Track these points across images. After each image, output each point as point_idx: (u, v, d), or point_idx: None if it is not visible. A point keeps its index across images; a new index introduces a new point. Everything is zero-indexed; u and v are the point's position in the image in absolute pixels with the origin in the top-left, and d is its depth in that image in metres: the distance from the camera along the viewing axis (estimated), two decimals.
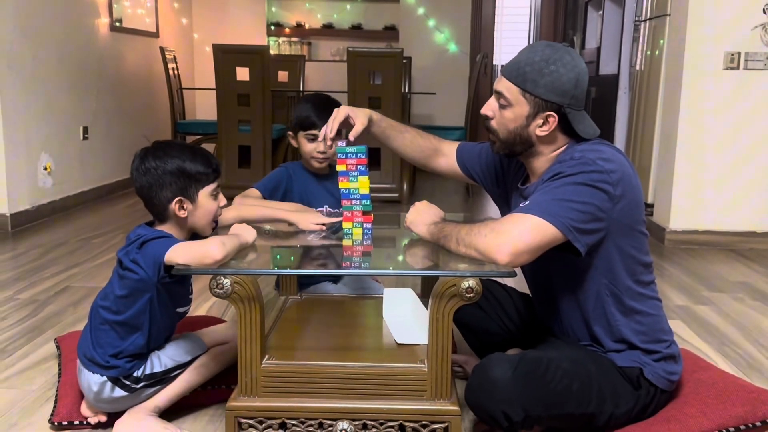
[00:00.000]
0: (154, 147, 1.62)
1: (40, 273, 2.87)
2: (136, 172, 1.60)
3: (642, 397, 1.53)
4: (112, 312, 1.59)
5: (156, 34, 5.56)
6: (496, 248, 1.39)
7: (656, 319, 1.55)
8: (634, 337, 1.52)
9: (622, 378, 1.52)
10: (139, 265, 1.54)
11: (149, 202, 1.61)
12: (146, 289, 1.56)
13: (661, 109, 3.81)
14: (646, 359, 1.53)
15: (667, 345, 1.55)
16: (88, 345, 1.61)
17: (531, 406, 1.41)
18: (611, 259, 1.49)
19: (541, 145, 1.55)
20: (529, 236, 1.39)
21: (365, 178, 1.75)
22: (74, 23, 4.28)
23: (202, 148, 1.68)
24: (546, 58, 1.48)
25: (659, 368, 1.53)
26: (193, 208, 1.61)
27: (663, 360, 1.54)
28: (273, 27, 6.53)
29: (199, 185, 1.61)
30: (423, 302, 1.81)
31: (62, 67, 4.13)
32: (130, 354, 1.60)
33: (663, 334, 1.56)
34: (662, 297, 2.65)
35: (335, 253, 1.75)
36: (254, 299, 1.45)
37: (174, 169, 1.58)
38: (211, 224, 1.68)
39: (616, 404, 1.50)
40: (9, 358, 2.02)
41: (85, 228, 3.71)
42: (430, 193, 5.18)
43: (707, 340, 2.26)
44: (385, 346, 1.67)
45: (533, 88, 1.48)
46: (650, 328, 1.54)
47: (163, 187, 1.58)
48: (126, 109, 5.03)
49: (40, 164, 3.90)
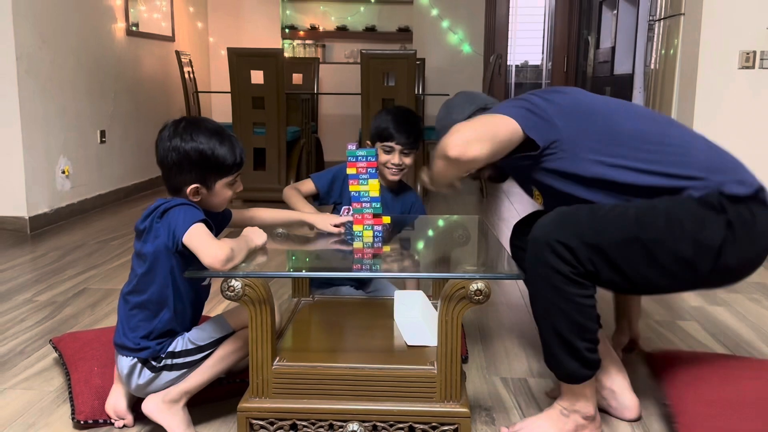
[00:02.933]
0: (185, 124, 1.60)
1: (59, 275, 2.92)
2: (160, 145, 1.59)
3: (734, 216, 1.44)
4: (137, 293, 1.59)
5: (172, 38, 5.61)
6: (448, 145, 1.53)
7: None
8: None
9: (698, 204, 1.45)
10: (158, 234, 1.54)
11: (167, 177, 1.62)
12: (166, 259, 1.56)
13: (676, 108, 3.78)
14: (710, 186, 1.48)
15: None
16: (120, 334, 1.61)
17: (585, 233, 1.44)
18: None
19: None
20: (480, 127, 1.55)
21: (375, 181, 1.77)
22: (91, 28, 4.34)
23: (231, 134, 1.65)
24: (440, 109, 1.88)
25: (732, 183, 1.48)
26: (207, 194, 1.62)
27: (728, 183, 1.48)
28: (287, 30, 6.57)
29: (219, 176, 1.62)
30: (434, 304, 1.82)
31: (80, 71, 4.19)
32: (159, 333, 1.59)
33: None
34: (676, 297, 2.66)
35: (349, 255, 1.76)
36: (265, 302, 1.47)
37: (198, 156, 1.57)
38: (223, 207, 1.69)
39: (700, 226, 1.43)
40: (27, 359, 2.06)
41: (103, 230, 3.76)
42: (443, 194, 5.18)
43: (722, 341, 2.25)
44: (396, 348, 1.68)
45: (451, 124, 1.63)
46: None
47: (183, 170, 1.58)
48: (142, 112, 5.08)
49: (58, 168, 3.95)
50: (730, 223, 1.45)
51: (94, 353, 1.86)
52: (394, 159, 2.15)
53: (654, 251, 1.45)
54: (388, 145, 2.14)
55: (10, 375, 1.95)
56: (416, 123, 2.20)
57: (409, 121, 2.18)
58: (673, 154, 1.53)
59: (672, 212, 1.46)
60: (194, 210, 1.56)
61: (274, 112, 4.58)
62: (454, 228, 2.25)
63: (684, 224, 1.45)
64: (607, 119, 1.58)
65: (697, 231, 1.45)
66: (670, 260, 1.46)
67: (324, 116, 6.24)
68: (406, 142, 2.15)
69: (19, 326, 2.32)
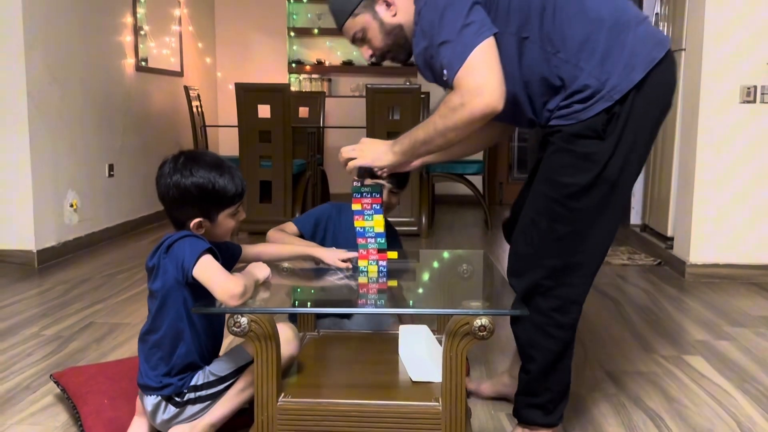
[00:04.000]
0: (184, 159, 1.61)
1: (65, 309, 2.93)
2: (161, 181, 1.61)
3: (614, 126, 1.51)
4: (153, 332, 1.61)
5: (180, 73, 5.70)
6: (476, 104, 1.42)
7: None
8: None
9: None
10: (166, 269, 1.56)
11: (169, 212, 1.64)
12: (177, 293, 1.57)
13: (679, 141, 3.81)
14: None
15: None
16: (142, 375, 1.63)
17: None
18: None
19: (404, 17, 1.64)
20: (482, 73, 1.43)
21: (380, 216, 1.78)
22: (101, 64, 4.41)
23: (231, 165, 1.66)
24: None
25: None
26: (211, 227, 1.64)
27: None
28: (294, 64, 6.66)
29: (221, 207, 1.63)
30: (438, 339, 1.83)
31: (89, 106, 4.26)
32: (180, 369, 1.61)
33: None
34: (682, 331, 2.65)
35: (353, 291, 1.77)
36: (271, 338, 1.48)
37: (198, 190, 1.59)
38: (227, 236, 1.70)
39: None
40: (33, 394, 2.06)
41: (110, 264, 3.79)
42: (449, 225, 5.20)
43: (728, 376, 2.24)
44: (401, 383, 1.68)
45: (349, 6, 1.64)
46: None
47: (185, 205, 1.60)
48: (151, 146, 5.14)
49: (66, 201, 3.99)
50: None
51: (101, 387, 1.87)
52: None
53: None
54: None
55: (16, 410, 1.95)
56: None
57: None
58: None
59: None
60: (199, 240, 1.58)
61: (280, 145, 4.63)
62: (458, 262, 2.26)
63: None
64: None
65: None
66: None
67: (330, 149, 6.30)
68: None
69: (25, 361, 2.33)
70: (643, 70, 1.50)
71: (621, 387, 2.14)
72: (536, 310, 1.62)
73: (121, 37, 4.68)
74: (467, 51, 1.43)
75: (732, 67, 3.37)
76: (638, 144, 1.54)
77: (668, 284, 3.44)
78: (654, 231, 4.27)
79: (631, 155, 1.54)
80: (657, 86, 1.53)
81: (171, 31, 5.55)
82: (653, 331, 2.69)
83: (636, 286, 3.41)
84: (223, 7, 6.57)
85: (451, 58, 1.45)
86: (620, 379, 2.20)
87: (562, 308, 1.62)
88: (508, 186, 6.63)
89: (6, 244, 3.71)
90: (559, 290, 1.61)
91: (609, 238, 1.62)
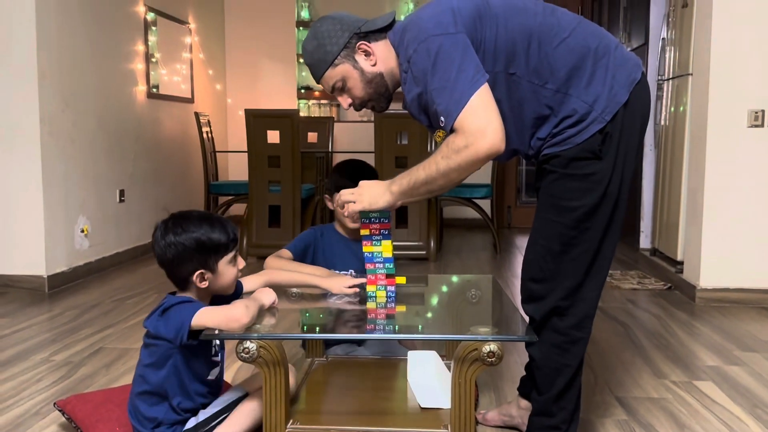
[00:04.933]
0: (173, 220, 1.66)
1: (75, 334, 2.94)
2: (156, 246, 1.65)
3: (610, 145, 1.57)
4: (143, 381, 1.65)
5: (191, 99, 5.76)
6: (480, 145, 1.46)
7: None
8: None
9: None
10: (160, 333, 1.60)
11: (171, 274, 1.68)
12: (170, 354, 1.61)
13: (687, 165, 3.82)
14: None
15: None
16: (134, 417, 1.68)
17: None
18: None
19: (384, 66, 1.67)
20: (483, 116, 1.47)
21: (388, 242, 1.79)
22: (113, 91, 4.47)
23: (219, 216, 1.72)
24: (308, 40, 1.69)
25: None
26: (213, 277, 1.66)
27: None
28: (303, 90, 6.72)
29: (218, 256, 1.66)
30: (447, 364, 1.83)
31: (101, 133, 4.31)
32: (170, 423, 1.65)
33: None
34: (693, 356, 2.64)
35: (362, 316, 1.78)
36: (279, 363, 1.49)
37: (193, 243, 1.63)
38: (233, 286, 1.72)
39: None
40: (42, 420, 2.07)
41: (120, 289, 3.80)
42: (457, 249, 5.20)
43: (739, 402, 2.22)
44: (410, 410, 1.68)
45: (329, 57, 1.65)
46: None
47: (183, 261, 1.64)
48: (161, 171, 5.19)
49: (77, 227, 4.03)
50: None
51: (111, 414, 1.87)
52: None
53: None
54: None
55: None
56: (368, 169, 2.30)
57: (361, 168, 2.28)
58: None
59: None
60: (196, 303, 1.61)
61: (289, 170, 4.66)
62: (467, 287, 2.26)
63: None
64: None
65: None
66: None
67: None
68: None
69: (35, 386, 2.34)
70: (627, 91, 1.58)
71: (631, 413, 2.12)
72: (554, 330, 1.66)
73: (133, 65, 4.74)
74: (465, 97, 1.48)
75: (739, 92, 3.38)
76: (629, 159, 1.62)
77: (678, 309, 3.42)
78: (664, 255, 4.25)
79: (626, 170, 1.62)
80: (638, 104, 1.61)
81: (182, 59, 5.63)
82: (664, 356, 2.67)
83: (646, 311, 3.39)
84: (234, 35, 6.66)
85: (448, 104, 1.49)
86: (630, 405, 2.18)
87: (579, 324, 1.67)
88: (516, 209, 6.63)
89: (17, 270, 3.74)
90: (575, 308, 1.65)
91: (614, 249, 1.68)
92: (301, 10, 6.68)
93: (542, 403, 1.72)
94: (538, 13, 1.59)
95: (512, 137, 1.63)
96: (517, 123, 1.61)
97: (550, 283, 1.65)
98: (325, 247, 2.24)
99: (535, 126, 1.61)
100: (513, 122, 1.61)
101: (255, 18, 6.62)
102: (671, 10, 4.17)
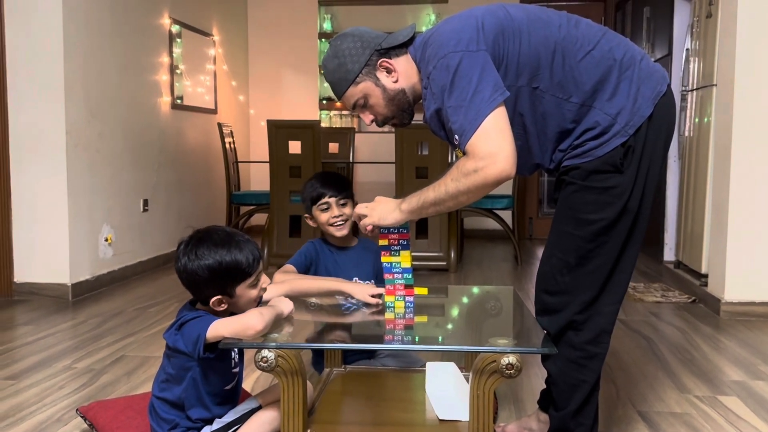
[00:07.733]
0: (195, 240, 1.62)
1: (97, 342, 2.97)
2: (177, 264, 1.63)
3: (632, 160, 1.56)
4: (163, 388, 1.66)
5: (215, 110, 5.82)
6: (490, 171, 1.46)
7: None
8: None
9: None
10: (179, 348, 1.60)
11: (191, 292, 1.67)
12: (189, 366, 1.62)
13: (711, 177, 3.77)
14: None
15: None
16: (152, 416, 1.69)
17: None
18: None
19: (405, 82, 1.67)
20: (496, 141, 1.46)
21: (407, 252, 1.79)
22: (138, 102, 4.54)
23: (240, 237, 1.63)
24: (328, 59, 1.68)
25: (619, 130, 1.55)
26: (232, 301, 1.64)
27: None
28: (324, 101, 6.76)
29: (237, 282, 1.62)
30: (466, 376, 1.81)
31: (126, 143, 4.36)
32: (185, 428, 1.66)
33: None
34: (717, 371, 2.59)
35: (380, 327, 1.78)
36: (297, 373, 1.49)
37: (206, 272, 1.58)
38: (253, 306, 1.67)
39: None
40: (65, 427, 2.09)
41: (142, 297, 3.84)
42: (478, 260, 5.18)
43: (764, 417, 2.17)
44: (428, 422, 1.67)
45: (350, 75, 1.64)
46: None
47: (199, 287, 1.62)
48: (184, 181, 5.24)
49: (101, 236, 4.07)
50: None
51: (131, 422, 1.88)
52: (333, 212, 2.22)
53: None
54: (324, 202, 2.22)
55: None
56: (340, 176, 2.34)
57: (333, 175, 2.32)
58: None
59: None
60: (210, 316, 1.60)
61: None
62: (486, 299, 2.25)
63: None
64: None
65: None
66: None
67: (359, 184, 6.35)
68: (337, 193, 2.24)
69: (57, 393, 2.36)
70: (652, 104, 1.55)
71: (654, 428, 2.09)
72: (569, 345, 1.64)
73: (158, 76, 4.81)
74: (480, 118, 1.47)
75: (764, 102, 3.34)
76: (652, 173, 1.60)
77: (702, 322, 3.37)
78: (688, 268, 4.19)
79: (648, 184, 1.60)
80: (662, 117, 1.58)
81: (206, 70, 5.69)
82: (687, 371, 2.63)
83: (670, 324, 3.34)
84: (257, 47, 6.73)
85: (463, 123, 1.49)
86: (653, 420, 2.15)
87: (595, 340, 1.65)
88: (537, 221, 6.59)
89: (41, 278, 3.79)
90: (591, 322, 1.63)
91: (633, 263, 1.66)
92: (324, 22, 6.73)
93: (560, 419, 1.70)
94: (563, 25, 1.57)
95: (535, 152, 1.63)
96: (540, 137, 1.61)
97: (566, 297, 1.63)
98: (326, 260, 2.26)
99: (558, 140, 1.60)
100: (536, 137, 1.60)
101: (278, 30, 6.68)
102: (695, 20, 4.14)
